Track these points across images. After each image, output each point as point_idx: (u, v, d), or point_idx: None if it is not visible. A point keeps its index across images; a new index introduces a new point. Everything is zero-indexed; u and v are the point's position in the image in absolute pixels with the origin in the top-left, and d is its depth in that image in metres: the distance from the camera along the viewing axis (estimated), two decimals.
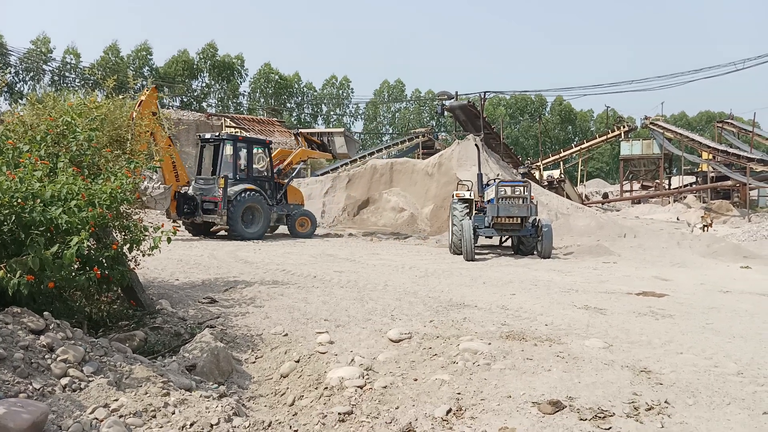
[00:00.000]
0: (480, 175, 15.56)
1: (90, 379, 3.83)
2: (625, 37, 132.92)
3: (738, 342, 5.69)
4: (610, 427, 3.66)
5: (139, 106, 13.37)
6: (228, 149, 17.04)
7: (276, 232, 18.60)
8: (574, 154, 49.76)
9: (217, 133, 18.24)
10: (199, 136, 17.79)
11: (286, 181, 18.46)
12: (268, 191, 17.37)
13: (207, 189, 16.34)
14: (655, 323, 6.44)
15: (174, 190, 15.91)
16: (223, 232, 17.04)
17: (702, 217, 22.59)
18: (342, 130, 21.25)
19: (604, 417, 3.82)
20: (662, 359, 4.98)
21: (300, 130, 21.79)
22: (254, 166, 17.56)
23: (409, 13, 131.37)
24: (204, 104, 65.98)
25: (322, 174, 31.31)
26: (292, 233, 17.97)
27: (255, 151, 17.77)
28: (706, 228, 22.55)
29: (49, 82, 55.65)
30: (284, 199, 18.10)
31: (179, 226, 16.17)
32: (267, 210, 16.97)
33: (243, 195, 16.18)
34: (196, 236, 16.82)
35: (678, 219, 27.10)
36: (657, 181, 44.95)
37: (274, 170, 18.04)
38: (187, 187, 16.46)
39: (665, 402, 4.03)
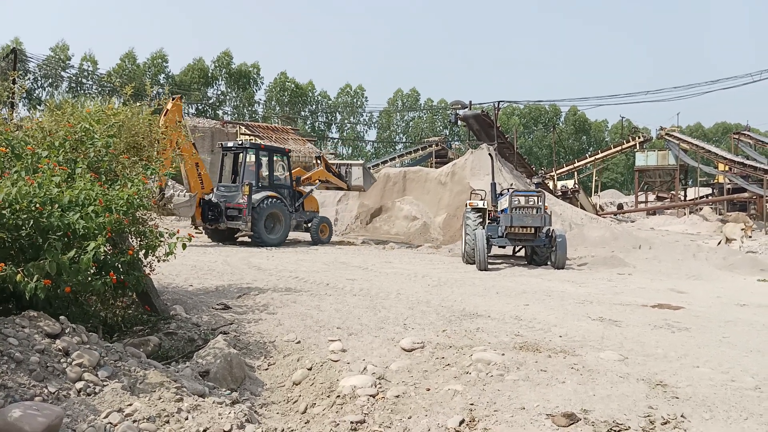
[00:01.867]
0: (493, 185, 15.54)
1: (104, 383, 3.85)
2: (644, 47, 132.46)
3: (755, 356, 5.61)
4: None
5: (164, 115, 13.60)
6: (250, 157, 17.52)
7: (288, 238, 18.72)
8: (588, 165, 49.57)
9: (240, 142, 18.70)
10: (221, 144, 18.21)
11: (306, 190, 18.85)
12: (287, 199, 17.77)
13: (230, 196, 16.71)
14: (671, 336, 6.37)
15: (199, 198, 16.27)
16: (243, 238, 17.26)
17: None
18: (361, 162, 21.68)
19: (619, 430, 3.78)
20: (678, 372, 4.92)
21: (323, 154, 22.94)
22: (274, 174, 17.98)
23: (425, 23, 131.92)
24: (219, 112, 66.51)
25: None
26: (313, 240, 18.36)
27: (275, 159, 18.19)
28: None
29: (67, 89, 56.40)
30: (302, 207, 18.58)
31: (200, 233, 16.68)
32: (288, 217, 17.34)
33: (266, 202, 16.53)
34: (218, 242, 17.08)
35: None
36: (672, 192, 44.62)
37: (293, 179, 18.40)
38: (210, 194, 16.80)
39: (681, 416, 3.98)
